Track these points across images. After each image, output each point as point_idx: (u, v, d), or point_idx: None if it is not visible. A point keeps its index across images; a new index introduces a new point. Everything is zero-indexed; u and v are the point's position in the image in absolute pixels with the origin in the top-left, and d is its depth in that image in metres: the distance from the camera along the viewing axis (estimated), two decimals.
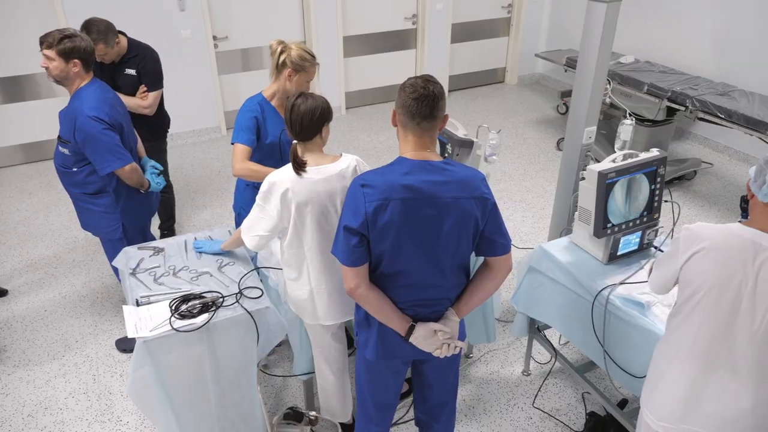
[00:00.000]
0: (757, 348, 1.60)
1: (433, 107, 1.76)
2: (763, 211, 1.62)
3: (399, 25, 6.47)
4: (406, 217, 1.75)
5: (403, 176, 1.76)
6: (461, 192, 1.78)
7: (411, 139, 1.82)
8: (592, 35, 2.82)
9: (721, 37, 5.26)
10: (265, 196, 2.13)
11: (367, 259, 1.82)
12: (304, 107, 2.06)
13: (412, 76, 1.81)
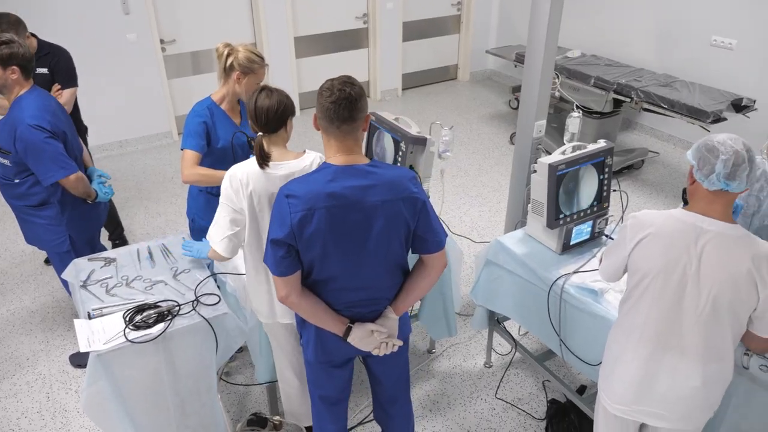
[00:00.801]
0: (702, 328, 1.67)
1: (352, 109, 1.74)
2: (704, 197, 1.69)
3: (350, 25, 6.46)
4: (333, 224, 1.75)
5: (327, 184, 1.74)
6: (389, 194, 1.78)
7: (334, 144, 1.81)
8: (538, 31, 2.87)
9: (662, 30, 5.45)
10: (226, 193, 2.09)
11: (297, 267, 1.80)
12: (270, 100, 2.05)
13: (330, 79, 1.79)
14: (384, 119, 2.78)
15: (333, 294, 1.88)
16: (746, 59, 4.85)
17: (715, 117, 4.12)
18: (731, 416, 2.00)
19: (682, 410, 1.78)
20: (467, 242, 4.10)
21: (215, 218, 2.13)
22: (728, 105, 4.24)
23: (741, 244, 1.61)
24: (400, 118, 2.76)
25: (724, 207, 1.66)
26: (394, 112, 2.78)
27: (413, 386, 3.01)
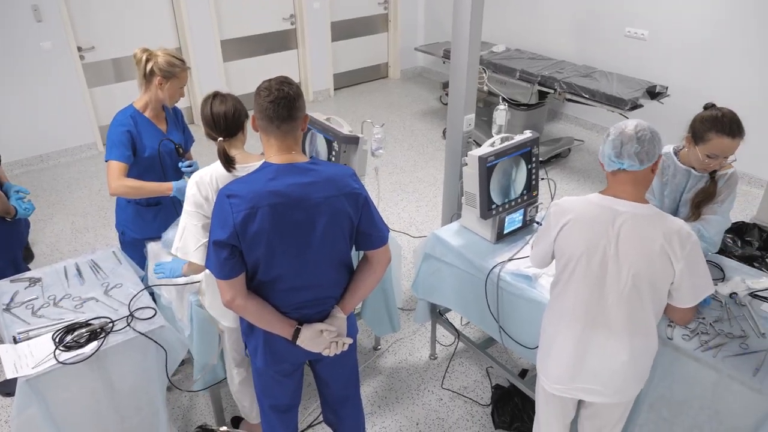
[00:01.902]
0: (625, 305, 1.76)
1: (291, 108, 1.75)
2: (614, 180, 1.80)
3: (278, 26, 6.40)
4: (276, 223, 1.74)
5: (269, 182, 1.74)
6: (331, 190, 1.79)
7: (274, 143, 1.80)
8: (462, 27, 2.94)
9: (580, 23, 5.68)
10: (195, 200, 2.03)
11: (241, 270, 1.78)
12: (225, 105, 2.08)
13: (267, 79, 1.79)
14: (316, 120, 2.77)
15: (280, 295, 1.87)
16: (658, 49, 5.13)
17: (632, 104, 4.34)
18: (657, 386, 2.12)
19: (614, 384, 1.87)
20: (406, 238, 4.14)
21: (183, 229, 2.07)
22: (644, 92, 4.48)
23: (653, 222, 1.71)
24: (332, 118, 2.76)
25: (633, 187, 1.76)
26: (327, 112, 2.78)
27: (361, 384, 3.01)
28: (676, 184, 2.39)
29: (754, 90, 4.58)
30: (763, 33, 4.45)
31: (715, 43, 4.74)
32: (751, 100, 4.57)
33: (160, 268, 2.38)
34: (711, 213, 2.32)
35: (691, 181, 2.35)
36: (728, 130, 2.11)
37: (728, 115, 2.14)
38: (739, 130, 2.13)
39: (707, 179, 2.31)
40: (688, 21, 4.86)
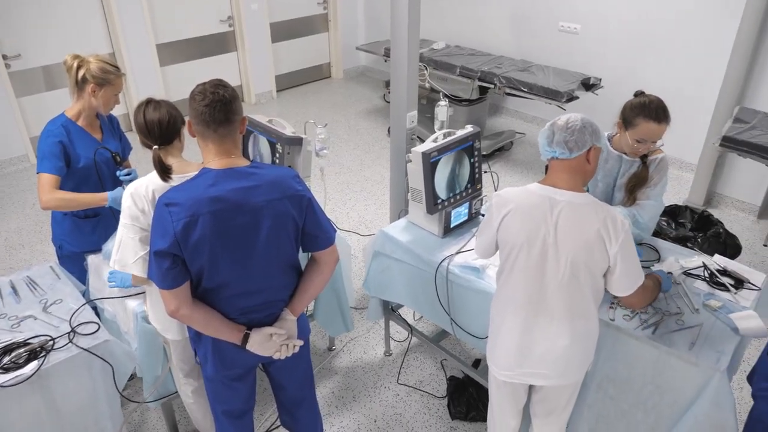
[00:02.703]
0: (565, 291, 1.83)
1: (227, 111, 1.73)
2: (551, 169, 1.87)
3: (215, 29, 6.28)
4: (219, 229, 1.71)
5: (208, 188, 1.71)
6: (273, 193, 1.78)
7: (212, 148, 1.78)
8: (400, 25, 2.97)
9: (516, 19, 5.82)
10: (131, 213, 1.96)
11: (185, 278, 1.75)
12: (159, 112, 2.02)
13: (201, 83, 1.76)
14: (257, 122, 2.74)
15: (226, 302, 1.84)
16: (590, 42, 5.32)
17: (568, 96, 4.48)
18: (603, 366, 2.21)
19: (559, 367, 1.94)
20: (356, 237, 4.15)
21: (119, 242, 2.00)
22: (579, 84, 4.63)
23: (589, 209, 1.78)
24: (274, 120, 2.74)
25: (568, 176, 1.82)
26: (271, 114, 2.76)
27: (317, 386, 3.01)
28: (609, 169, 2.48)
29: (681, 79, 4.81)
30: (687, 24, 4.67)
31: (643, 35, 4.95)
32: (678, 88, 4.80)
33: (113, 277, 2.32)
34: (645, 198, 2.42)
35: (623, 166, 2.45)
36: (654, 115, 2.22)
37: (655, 101, 2.25)
38: (664, 116, 2.23)
39: (639, 164, 2.41)
40: (618, 15, 5.05)
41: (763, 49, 4.12)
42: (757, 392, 1.99)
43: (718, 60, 4.36)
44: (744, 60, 4.08)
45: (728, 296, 2.28)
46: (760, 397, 1.97)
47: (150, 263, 1.74)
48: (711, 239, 3.60)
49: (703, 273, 2.39)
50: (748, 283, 2.35)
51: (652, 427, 2.17)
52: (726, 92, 4.22)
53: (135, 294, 2.33)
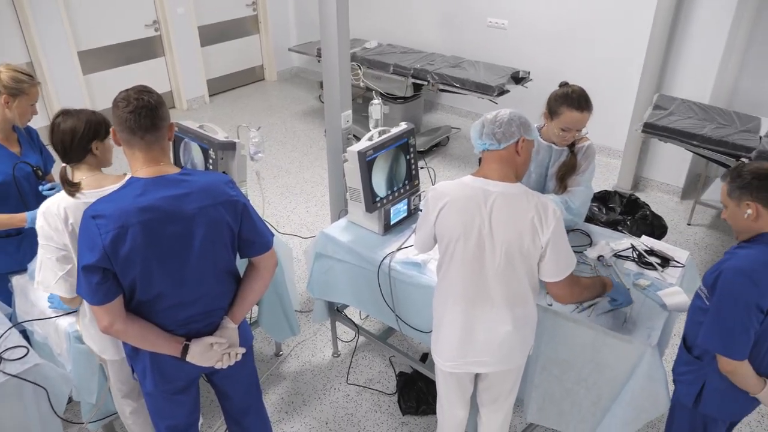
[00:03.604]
0: (502, 279, 1.87)
1: (153, 117, 1.69)
2: (483, 161, 1.91)
3: (141, 33, 6.07)
4: (150, 240, 1.66)
5: (137, 198, 1.66)
6: (206, 200, 1.74)
7: (140, 156, 1.72)
8: (329, 25, 2.95)
9: (446, 16, 5.91)
10: (44, 233, 1.86)
11: (117, 293, 1.69)
12: (64, 126, 1.91)
13: (124, 90, 1.71)
14: (188, 128, 2.67)
15: (162, 314, 1.78)
16: (518, 37, 5.47)
17: (499, 90, 4.59)
18: (545, 348, 2.28)
19: (501, 354, 1.98)
20: (297, 240, 4.11)
21: (40, 263, 1.91)
22: (509, 78, 4.75)
23: (521, 198, 1.83)
24: (205, 125, 2.68)
25: (499, 166, 1.87)
26: (204, 119, 2.70)
27: (265, 392, 2.97)
28: (541, 160, 2.56)
29: (604, 69, 5.01)
30: (607, 17, 4.87)
31: (568, 28, 5.12)
32: (602, 78, 5.00)
33: (52, 298, 2.24)
34: (575, 185, 2.50)
35: (553, 155, 2.53)
36: (576, 104, 2.31)
37: (577, 91, 2.33)
38: (586, 104, 2.32)
39: (568, 153, 2.50)
40: (543, 10, 5.21)
41: (676, 39, 4.35)
42: (676, 376, 2.08)
43: (638, 50, 4.57)
44: (660, 49, 4.29)
45: (656, 275, 2.40)
46: (678, 381, 2.06)
47: (79, 279, 1.66)
48: (639, 221, 3.78)
49: (632, 254, 2.50)
50: (673, 261, 2.47)
51: (594, 402, 2.26)
52: (645, 81, 4.43)
53: (64, 314, 2.22)
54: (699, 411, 2.00)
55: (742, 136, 3.41)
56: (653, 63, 4.35)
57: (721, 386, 1.92)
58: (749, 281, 1.72)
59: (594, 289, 2.02)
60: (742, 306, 1.73)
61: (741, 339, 1.76)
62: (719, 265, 1.81)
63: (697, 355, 1.96)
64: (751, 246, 1.80)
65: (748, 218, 1.79)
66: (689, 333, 2.01)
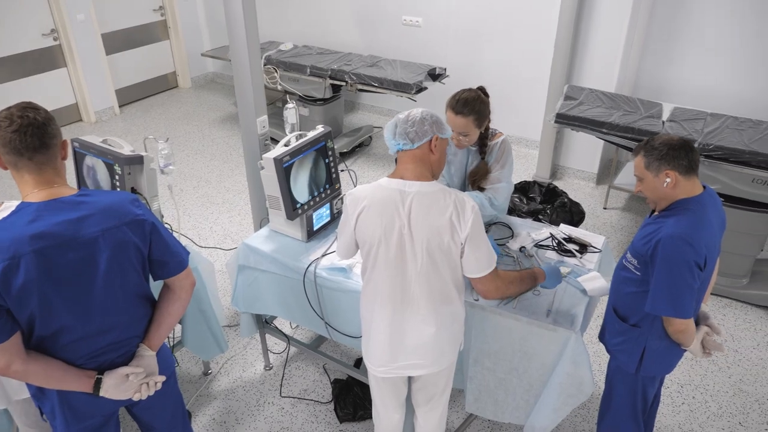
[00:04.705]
0: (424, 279, 1.86)
1: (42, 136, 1.56)
2: (398, 161, 1.89)
3: (37, 44, 5.68)
4: (47, 269, 1.53)
5: (29, 225, 1.52)
6: (109, 222, 1.63)
7: (29, 179, 1.59)
8: (237, 29, 2.87)
9: (361, 15, 5.89)
10: None
11: (13, 330, 1.55)
12: None
13: (5, 108, 1.58)
14: (90, 144, 2.51)
15: (68, 348, 1.65)
16: (433, 34, 5.52)
17: (417, 88, 4.61)
18: (476, 342, 2.30)
19: (431, 354, 1.97)
20: (221, 252, 3.98)
21: None
22: (426, 75, 4.78)
23: (438, 196, 1.83)
24: (109, 139, 2.52)
25: (414, 165, 1.86)
26: (115, 131, 2.54)
27: (195, 415, 2.85)
28: (459, 161, 2.58)
29: (517, 63, 5.14)
30: (518, 11, 5.00)
31: (481, 24, 5.22)
32: (516, 72, 5.14)
33: None
34: (496, 182, 2.52)
35: (471, 156, 2.55)
36: (454, 107, 2.36)
37: (463, 95, 2.37)
38: (463, 108, 2.34)
39: (479, 159, 2.51)
40: (457, 7, 5.28)
41: (581, 32, 4.52)
42: (612, 348, 2.17)
43: (547, 44, 4.71)
44: (567, 42, 4.45)
45: (575, 261, 2.47)
46: (616, 351, 2.15)
47: None
48: (558, 209, 3.90)
49: (551, 243, 2.56)
50: (591, 247, 2.55)
51: (526, 389, 2.30)
52: (555, 73, 4.58)
53: None
54: (640, 374, 2.10)
55: (646, 122, 3.58)
56: (561, 56, 4.50)
57: (660, 347, 2.03)
58: (686, 244, 1.81)
59: (522, 283, 2.04)
60: (685, 267, 1.83)
61: (689, 299, 1.87)
62: (650, 236, 1.89)
63: (635, 323, 2.05)
64: (675, 214, 1.89)
65: (667, 186, 1.88)
66: (620, 304, 2.10)
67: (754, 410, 2.88)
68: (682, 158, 1.85)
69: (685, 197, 1.90)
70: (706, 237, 1.85)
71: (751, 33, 4.19)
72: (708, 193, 1.94)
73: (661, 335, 1.99)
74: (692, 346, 1.99)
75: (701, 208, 1.88)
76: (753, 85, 4.29)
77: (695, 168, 1.88)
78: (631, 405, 2.19)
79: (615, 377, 2.22)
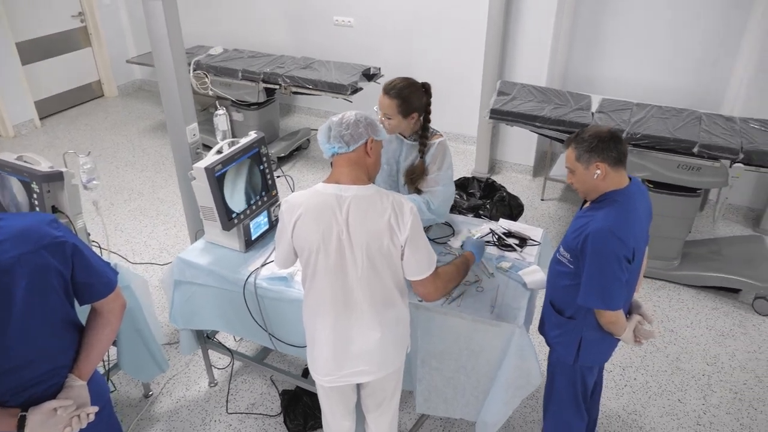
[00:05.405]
0: (366, 284, 1.83)
1: None
2: (334, 165, 1.85)
3: None
4: None
5: None
6: (24, 246, 1.51)
7: None
8: (159, 34, 2.74)
9: (292, 17, 5.80)
10: None
11: None
12: None
13: None
14: (4, 162, 2.34)
15: None
16: (365, 34, 5.49)
17: (352, 88, 4.57)
18: (422, 343, 2.29)
19: (377, 359, 1.94)
20: (157, 267, 3.82)
21: None
22: (361, 76, 4.75)
23: (376, 199, 1.80)
24: (25, 156, 2.36)
25: (350, 169, 1.82)
26: (36, 146, 2.38)
27: None
28: (393, 151, 2.56)
29: (451, 60, 5.19)
30: (449, 8, 5.03)
31: (413, 22, 5.23)
32: (450, 69, 5.18)
33: None
34: (434, 185, 2.51)
35: (404, 149, 2.53)
36: (384, 87, 2.40)
37: (396, 80, 2.41)
38: (389, 91, 2.38)
39: (417, 156, 2.50)
40: (388, 6, 5.27)
41: (510, 27, 4.60)
42: (550, 340, 2.21)
43: (479, 40, 4.77)
44: (497, 38, 4.51)
45: (516, 255, 2.50)
46: (554, 343, 2.19)
47: None
48: (497, 204, 3.95)
49: (492, 238, 2.58)
50: (530, 240, 2.59)
51: (475, 386, 2.31)
52: (488, 69, 4.64)
53: None
54: (578, 365, 2.13)
55: (576, 114, 3.67)
56: (493, 52, 4.57)
57: (595, 337, 2.08)
58: (614, 237, 1.85)
59: (458, 275, 2.04)
60: (614, 261, 1.86)
61: (618, 291, 1.91)
62: (581, 230, 1.92)
63: (570, 315, 2.08)
64: (604, 206, 1.93)
65: (597, 178, 1.91)
66: (555, 297, 2.14)
67: (691, 386, 3.00)
68: (611, 150, 1.89)
69: (614, 189, 1.94)
70: (634, 229, 1.90)
71: (667, 25, 4.38)
72: (635, 183, 1.99)
73: (596, 326, 2.04)
74: (624, 335, 2.04)
75: (629, 200, 1.93)
76: (674, 75, 4.48)
77: (623, 159, 1.93)
78: (572, 394, 2.24)
79: (555, 368, 2.26)
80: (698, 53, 4.35)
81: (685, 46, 4.38)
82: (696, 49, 4.35)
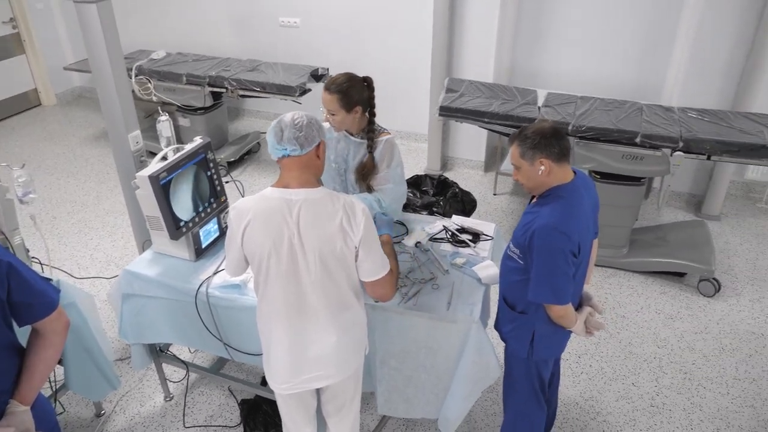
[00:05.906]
0: (320, 288, 1.80)
1: None
2: (283, 169, 1.81)
3: None
4: None
5: None
6: None
7: None
8: (95, 39, 2.64)
9: (237, 18, 5.69)
10: None
11: None
12: None
13: None
14: None
15: None
16: (312, 34, 5.45)
17: (301, 90, 4.52)
18: (381, 344, 2.27)
19: (334, 363, 1.92)
20: (104, 281, 3.68)
21: None
22: (308, 77, 4.70)
23: (327, 202, 1.77)
24: None
25: (300, 173, 1.79)
26: None
27: None
28: (341, 149, 2.53)
29: (398, 59, 5.19)
30: (397, 9, 5.04)
31: (359, 22, 5.21)
32: (398, 67, 5.18)
33: None
34: (384, 183, 2.50)
35: (352, 147, 2.51)
36: (325, 84, 2.37)
37: (336, 75, 2.38)
38: (330, 87, 2.34)
39: (365, 154, 2.48)
40: (333, 6, 5.23)
41: (456, 25, 4.64)
42: (505, 335, 2.22)
43: (426, 38, 4.79)
44: (443, 36, 4.55)
45: (470, 251, 2.52)
46: (508, 338, 2.21)
47: None
48: (451, 200, 3.97)
49: (445, 235, 2.59)
50: (483, 235, 2.61)
51: (435, 383, 2.31)
52: (436, 66, 4.67)
53: None
54: (532, 358, 2.15)
55: (523, 109, 3.73)
56: (440, 49, 4.60)
57: (547, 331, 2.10)
58: (559, 233, 1.87)
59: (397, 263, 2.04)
60: (560, 256, 1.88)
61: (565, 286, 1.93)
62: (527, 226, 1.94)
63: (522, 310, 2.10)
64: (549, 202, 1.95)
65: (542, 174, 1.93)
66: (507, 292, 2.15)
67: (644, 369, 3.09)
68: (554, 146, 1.91)
69: (558, 184, 1.96)
70: (579, 224, 1.92)
71: (605, 18, 4.50)
72: (580, 177, 2.02)
73: (547, 320, 2.06)
74: (575, 327, 2.07)
75: (574, 195, 1.95)
76: (615, 68, 4.61)
77: (567, 154, 1.95)
78: (529, 387, 2.25)
79: (511, 362, 2.27)
80: (636, 45, 4.49)
81: (623, 39, 4.51)
82: (634, 41, 4.49)
